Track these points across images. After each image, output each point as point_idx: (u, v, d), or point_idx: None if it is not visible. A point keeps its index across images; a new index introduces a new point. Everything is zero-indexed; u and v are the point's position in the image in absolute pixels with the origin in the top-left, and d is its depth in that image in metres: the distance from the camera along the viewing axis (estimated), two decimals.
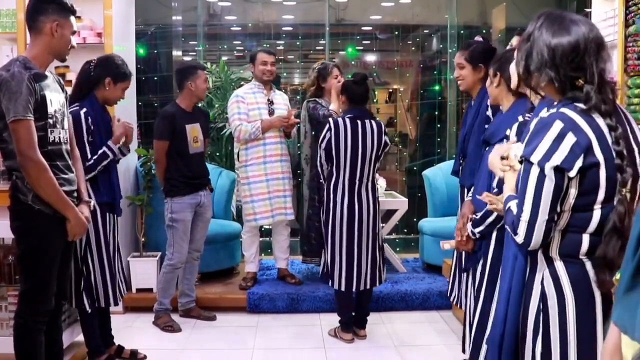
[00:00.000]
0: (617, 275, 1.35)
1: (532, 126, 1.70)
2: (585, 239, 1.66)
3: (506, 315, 2.06)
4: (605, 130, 1.62)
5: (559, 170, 1.60)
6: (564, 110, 1.64)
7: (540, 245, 1.68)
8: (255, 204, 4.41)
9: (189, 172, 3.97)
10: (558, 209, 1.65)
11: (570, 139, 1.59)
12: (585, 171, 1.60)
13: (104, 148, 3.24)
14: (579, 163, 1.59)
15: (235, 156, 4.54)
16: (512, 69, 2.20)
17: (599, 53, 1.65)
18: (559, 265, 1.70)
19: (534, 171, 1.63)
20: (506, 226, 1.78)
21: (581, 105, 1.64)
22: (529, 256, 1.79)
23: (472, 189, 2.80)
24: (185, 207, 3.96)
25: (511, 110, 2.56)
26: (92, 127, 3.20)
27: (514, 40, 3.22)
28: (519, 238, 1.69)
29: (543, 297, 1.72)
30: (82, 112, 3.17)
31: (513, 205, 1.74)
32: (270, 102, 4.50)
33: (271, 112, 4.47)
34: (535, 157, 1.62)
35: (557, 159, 1.59)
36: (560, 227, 1.68)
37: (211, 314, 4.27)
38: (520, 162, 1.74)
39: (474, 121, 3.14)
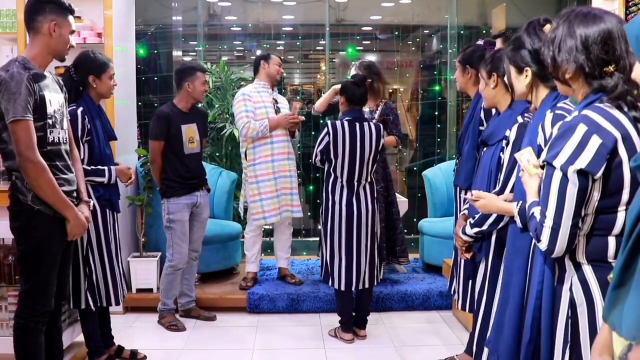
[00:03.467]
0: (611, 275, 1.35)
1: (554, 130, 1.66)
2: (612, 241, 1.62)
3: (520, 324, 2.04)
4: (629, 127, 1.59)
5: (583, 174, 1.57)
6: (586, 112, 1.61)
7: (564, 252, 1.64)
8: (264, 202, 4.41)
9: (185, 172, 3.97)
10: (582, 213, 1.62)
11: (595, 141, 1.56)
12: (610, 172, 1.57)
13: (106, 169, 3.25)
14: (604, 164, 1.56)
15: (243, 155, 4.52)
16: (514, 82, 2.19)
17: (627, 44, 1.63)
18: (588, 270, 1.65)
19: (557, 176, 1.60)
20: (531, 233, 1.74)
21: (605, 104, 1.61)
22: (555, 264, 1.73)
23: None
24: (182, 207, 3.96)
25: (509, 110, 2.55)
26: (88, 126, 3.19)
27: (498, 43, 3.23)
28: (542, 245, 1.65)
29: (572, 304, 1.67)
30: (79, 111, 3.17)
31: (537, 211, 1.70)
32: (275, 101, 4.53)
33: (277, 111, 4.49)
34: (558, 162, 1.59)
35: (582, 162, 1.56)
36: (585, 231, 1.65)
37: (211, 314, 4.27)
38: (542, 167, 1.71)
39: (469, 122, 3.17)
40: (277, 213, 4.44)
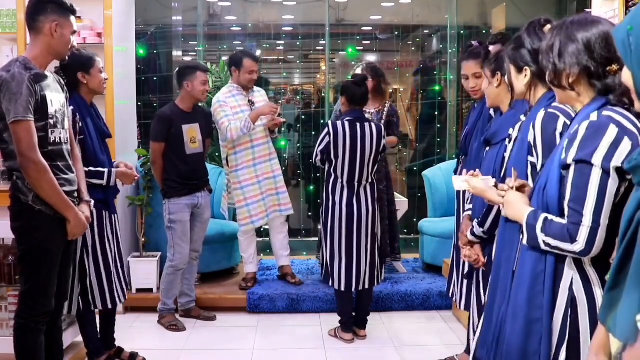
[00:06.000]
0: (608, 275, 1.36)
1: (581, 130, 1.62)
2: (618, 242, 1.59)
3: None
4: (638, 123, 1.60)
5: (620, 172, 1.56)
6: (609, 114, 1.61)
7: (598, 252, 1.60)
8: (250, 206, 4.40)
9: (187, 172, 3.96)
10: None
11: (627, 144, 1.56)
12: None
13: (106, 172, 3.21)
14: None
15: (224, 162, 4.51)
16: (513, 81, 2.19)
17: None
18: (590, 270, 1.64)
19: (596, 173, 1.57)
20: (546, 239, 1.65)
21: (617, 107, 1.62)
22: (555, 261, 1.69)
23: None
24: (183, 208, 3.96)
25: (512, 109, 2.56)
26: (80, 124, 3.16)
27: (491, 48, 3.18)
28: (578, 246, 1.59)
29: (572, 302, 1.66)
30: (70, 109, 3.12)
31: (552, 216, 1.66)
32: (252, 104, 4.48)
33: None
34: (597, 159, 1.57)
35: (618, 160, 1.55)
36: None
37: (211, 314, 4.27)
38: (564, 168, 1.66)
39: (478, 119, 3.13)
40: (264, 216, 4.44)
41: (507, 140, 2.39)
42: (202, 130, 4.03)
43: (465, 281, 3.03)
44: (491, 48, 3.09)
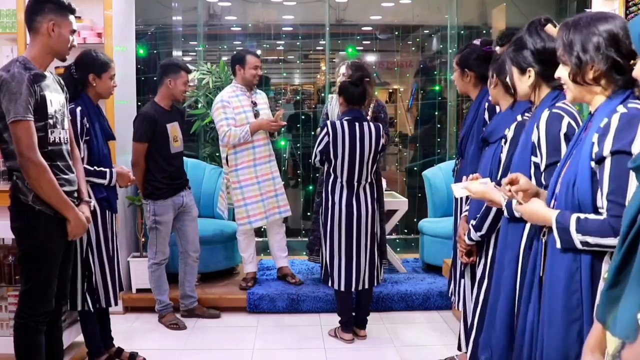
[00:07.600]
0: (605, 275, 1.36)
1: (614, 122, 1.59)
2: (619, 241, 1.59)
3: (512, 319, 2.03)
4: None
5: None
6: (635, 106, 1.59)
7: None
8: (249, 207, 4.40)
9: (172, 172, 3.97)
10: None
11: None
12: None
13: (108, 172, 3.23)
14: None
15: (224, 161, 4.51)
16: (516, 83, 2.19)
17: None
18: None
19: None
20: (584, 238, 1.60)
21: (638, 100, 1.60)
22: (592, 259, 1.64)
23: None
24: (169, 209, 3.97)
25: (510, 109, 2.57)
26: (87, 125, 3.17)
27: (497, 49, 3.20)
28: None
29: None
30: (77, 110, 3.14)
31: (584, 214, 1.62)
32: (254, 104, 4.49)
33: (256, 114, 4.45)
34: (636, 148, 1.53)
35: None
36: None
37: (215, 311, 4.28)
38: (599, 162, 1.61)
39: (473, 123, 3.15)
40: (263, 217, 4.44)
41: (503, 140, 2.40)
42: (180, 129, 4.06)
43: (462, 281, 3.05)
44: (497, 49, 3.11)
